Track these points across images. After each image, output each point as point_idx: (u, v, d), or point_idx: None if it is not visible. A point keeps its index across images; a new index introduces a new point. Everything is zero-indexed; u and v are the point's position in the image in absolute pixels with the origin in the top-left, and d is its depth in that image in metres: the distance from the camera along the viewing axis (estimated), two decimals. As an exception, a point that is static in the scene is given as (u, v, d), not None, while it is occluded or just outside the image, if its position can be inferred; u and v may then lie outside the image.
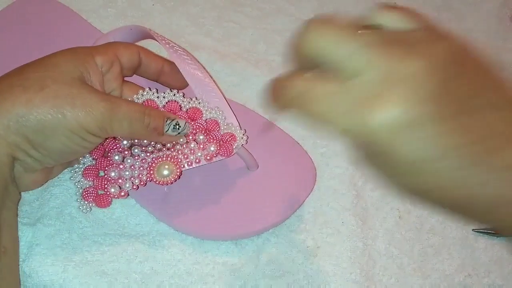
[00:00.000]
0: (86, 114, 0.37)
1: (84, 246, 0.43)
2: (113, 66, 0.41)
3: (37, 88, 0.36)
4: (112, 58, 0.41)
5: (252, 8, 0.61)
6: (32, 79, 0.37)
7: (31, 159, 0.38)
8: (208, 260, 0.44)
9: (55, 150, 0.37)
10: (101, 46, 0.42)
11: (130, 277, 0.42)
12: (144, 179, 0.41)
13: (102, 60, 0.40)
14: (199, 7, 0.60)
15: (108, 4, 0.58)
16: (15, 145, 0.36)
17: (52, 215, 0.44)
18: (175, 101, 0.43)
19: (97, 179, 0.42)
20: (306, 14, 0.61)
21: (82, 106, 0.36)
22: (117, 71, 0.42)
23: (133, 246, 0.43)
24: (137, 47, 0.43)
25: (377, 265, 0.45)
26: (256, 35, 0.59)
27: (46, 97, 0.36)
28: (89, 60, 0.39)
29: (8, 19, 0.52)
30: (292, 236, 0.45)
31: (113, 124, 0.38)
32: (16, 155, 0.37)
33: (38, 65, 0.38)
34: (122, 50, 0.42)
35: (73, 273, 0.41)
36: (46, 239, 0.42)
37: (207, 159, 0.42)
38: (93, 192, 0.42)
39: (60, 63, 0.38)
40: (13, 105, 0.36)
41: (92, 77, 0.39)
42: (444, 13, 0.64)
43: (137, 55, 0.43)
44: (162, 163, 0.41)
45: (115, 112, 0.38)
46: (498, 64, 0.37)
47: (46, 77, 0.37)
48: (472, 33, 0.63)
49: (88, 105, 0.37)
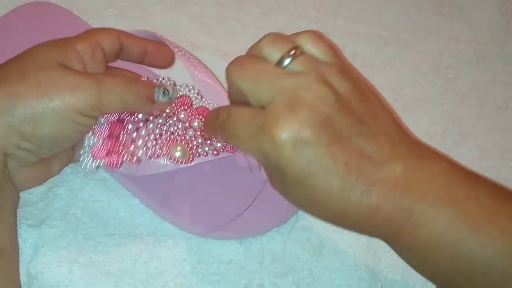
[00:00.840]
0: (73, 95, 0.36)
1: (89, 247, 0.43)
2: (95, 52, 0.40)
3: (18, 78, 0.36)
4: (93, 45, 0.40)
5: (254, 6, 0.61)
6: (13, 70, 0.36)
7: (24, 152, 0.37)
8: (213, 259, 0.44)
9: (47, 138, 0.37)
10: (81, 34, 0.41)
11: (135, 277, 0.42)
12: (158, 151, 0.41)
13: (83, 48, 0.39)
14: (200, 5, 0.60)
15: (109, 4, 0.58)
16: (4, 139, 0.36)
17: (57, 216, 0.44)
18: (188, 96, 0.43)
19: (109, 139, 0.41)
20: (307, 11, 0.61)
21: (67, 87, 0.36)
22: (99, 58, 0.41)
23: (138, 246, 0.43)
24: (116, 31, 0.42)
25: (382, 262, 0.45)
26: (258, 33, 0.58)
27: (29, 85, 0.36)
28: (69, 46, 0.39)
29: (11, 24, 0.52)
30: (297, 234, 0.45)
31: (103, 99, 0.37)
32: (7, 150, 0.36)
33: (17, 57, 0.38)
34: (102, 36, 0.41)
35: (78, 274, 0.41)
36: (51, 241, 0.42)
37: (214, 154, 0.43)
38: (104, 151, 0.40)
39: (39, 53, 0.38)
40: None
41: (73, 61, 0.39)
42: (446, 7, 0.64)
43: (117, 39, 0.42)
44: (176, 144, 0.41)
45: (102, 87, 0.37)
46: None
47: (25, 67, 0.37)
48: (474, 27, 0.62)
49: (73, 85, 0.36)
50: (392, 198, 0.32)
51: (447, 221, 0.32)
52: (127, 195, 0.46)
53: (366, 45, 0.60)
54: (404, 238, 0.33)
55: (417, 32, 0.62)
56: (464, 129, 0.55)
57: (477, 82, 0.58)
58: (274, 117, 0.32)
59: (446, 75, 0.58)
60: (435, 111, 0.56)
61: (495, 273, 0.32)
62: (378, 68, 0.58)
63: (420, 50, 0.60)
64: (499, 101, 0.57)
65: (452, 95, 0.57)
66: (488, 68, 0.59)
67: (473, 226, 0.32)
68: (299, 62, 0.35)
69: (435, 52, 0.60)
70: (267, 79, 0.34)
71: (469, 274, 0.33)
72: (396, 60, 0.59)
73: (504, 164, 0.53)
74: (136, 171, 0.42)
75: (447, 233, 0.32)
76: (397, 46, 0.60)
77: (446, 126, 0.55)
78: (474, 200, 0.33)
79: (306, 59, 0.35)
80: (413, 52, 0.60)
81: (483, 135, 0.55)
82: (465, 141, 0.54)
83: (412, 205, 0.33)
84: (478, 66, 0.59)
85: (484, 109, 0.56)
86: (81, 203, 0.45)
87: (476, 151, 0.53)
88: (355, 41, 0.60)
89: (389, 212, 0.32)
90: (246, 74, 0.35)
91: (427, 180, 0.33)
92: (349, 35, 0.60)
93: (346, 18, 0.62)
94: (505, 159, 0.53)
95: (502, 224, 0.33)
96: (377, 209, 0.32)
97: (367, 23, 0.62)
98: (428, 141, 0.53)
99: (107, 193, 0.46)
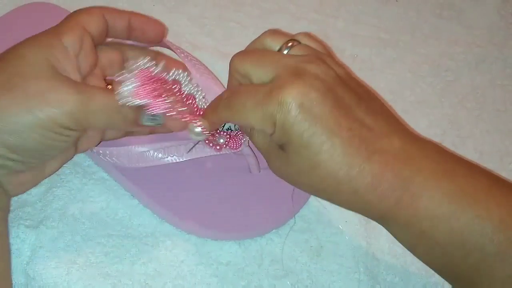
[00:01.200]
0: (58, 110, 0.35)
1: (88, 248, 0.43)
2: (83, 42, 0.38)
3: (5, 88, 0.35)
4: (80, 33, 0.38)
5: (253, 8, 0.61)
6: (0, 78, 0.35)
7: (12, 162, 0.36)
8: (212, 260, 0.43)
9: (32, 149, 0.36)
10: (65, 22, 0.39)
11: (133, 278, 0.42)
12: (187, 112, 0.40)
13: (70, 40, 0.38)
14: (200, 7, 0.60)
15: (109, 5, 0.57)
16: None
17: (55, 217, 0.44)
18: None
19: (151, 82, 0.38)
20: (307, 13, 0.61)
21: (53, 102, 0.35)
22: (89, 46, 0.39)
23: (136, 247, 0.43)
24: (99, 8, 0.40)
25: (381, 264, 0.45)
26: (257, 34, 0.58)
27: (15, 97, 0.34)
28: (56, 44, 0.37)
29: (10, 24, 0.52)
30: (296, 236, 0.45)
31: (88, 117, 0.36)
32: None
33: (3, 61, 0.36)
34: (87, 19, 0.39)
35: (77, 275, 0.41)
36: (49, 242, 0.42)
37: (216, 149, 0.42)
38: (148, 92, 0.38)
39: (26, 54, 0.36)
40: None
41: (63, 63, 0.37)
42: (446, 10, 0.64)
43: (102, 18, 0.40)
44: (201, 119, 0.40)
45: (89, 105, 0.36)
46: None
47: (13, 74, 0.35)
48: (474, 30, 0.63)
49: (60, 100, 0.35)
50: (392, 168, 0.33)
51: (445, 193, 0.33)
52: (126, 196, 0.46)
53: (365, 47, 0.60)
54: (404, 211, 0.34)
55: (416, 35, 0.62)
56: (463, 131, 0.55)
57: (476, 85, 0.58)
58: (281, 83, 0.34)
59: (446, 77, 0.58)
60: (435, 113, 0.56)
61: (492, 247, 0.33)
62: (377, 70, 0.58)
63: (420, 52, 0.60)
64: (498, 104, 0.57)
65: (451, 98, 0.57)
66: (488, 71, 0.60)
67: (470, 198, 0.33)
68: (297, 49, 0.37)
69: (434, 55, 0.60)
70: (271, 59, 0.36)
71: (467, 249, 0.33)
72: (395, 62, 0.59)
73: (503, 167, 0.53)
74: (129, 162, 0.42)
75: (446, 204, 0.33)
76: (397, 49, 0.60)
77: (445, 128, 0.55)
78: (470, 176, 0.34)
79: (304, 47, 0.37)
80: (413, 55, 0.60)
81: (482, 137, 0.55)
82: (464, 144, 0.54)
83: (412, 176, 0.33)
84: (477, 69, 0.60)
85: (483, 112, 0.56)
86: (80, 204, 0.45)
87: (475, 153, 0.53)
88: (354, 43, 0.60)
89: (390, 179, 0.33)
90: (251, 59, 0.37)
91: (423, 157, 0.35)
92: (348, 37, 0.60)
93: (345, 20, 0.62)
94: (504, 162, 0.53)
95: (498, 200, 0.34)
96: (378, 176, 0.33)
97: (367, 26, 0.62)
98: (427, 143, 0.53)
99: (106, 194, 0.45)
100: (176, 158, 0.42)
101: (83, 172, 0.46)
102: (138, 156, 0.42)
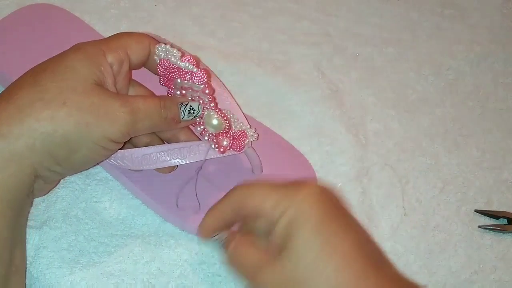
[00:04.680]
0: (111, 124, 0.36)
1: (91, 248, 0.43)
2: (122, 65, 0.39)
3: (59, 102, 0.35)
4: (122, 57, 0.39)
5: (255, 7, 0.61)
6: (51, 91, 0.35)
7: (52, 173, 0.37)
8: (215, 259, 0.44)
9: (77, 163, 0.37)
10: (112, 41, 0.39)
11: (137, 278, 0.42)
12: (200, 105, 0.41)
13: (113, 59, 0.38)
14: (202, 7, 0.60)
15: (111, 5, 0.58)
16: (39, 164, 0.35)
17: (59, 217, 0.44)
18: (195, 56, 0.42)
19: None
20: (308, 12, 0.61)
21: (105, 117, 0.36)
22: (125, 70, 0.40)
23: (139, 247, 0.43)
24: (148, 39, 0.41)
25: (383, 263, 0.45)
26: (259, 34, 0.59)
27: (70, 111, 0.35)
28: (102, 61, 0.38)
29: (12, 26, 0.52)
30: (298, 235, 0.45)
31: (136, 127, 0.37)
32: (39, 173, 0.36)
33: (52, 72, 0.36)
34: (134, 46, 0.40)
35: (80, 275, 0.41)
36: (52, 242, 0.43)
37: (220, 151, 0.43)
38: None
39: (76, 66, 0.36)
40: (38, 121, 0.34)
41: (106, 78, 0.38)
42: (448, 9, 0.64)
43: (148, 49, 0.40)
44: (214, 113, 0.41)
45: (137, 116, 0.37)
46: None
47: (65, 87, 0.35)
48: (475, 29, 0.62)
49: (111, 114, 0.36)
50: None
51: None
52: (129, 196, 0.46)
53: (367, 46, 0.60)
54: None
55: (418, 34, 0.62)
56: (465, 130, 0.55)
57: (478, 83, 0.58)
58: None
59: (447, 76, 0.58)
60: (436, 112, 0.56)
61: None
62: (379, 69, 0.58)
63: (422, 51, 0.60)
64: (500, 102, 0.57)
65: (453, 97, 0.57)
66: (489, 70, 0.59)
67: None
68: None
69: (436, 54, 0.60)
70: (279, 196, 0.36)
71: None
72: (397, 61, 0.59)
73: (505, 166, 0.53)
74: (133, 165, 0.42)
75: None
76: (399, 48, 0.60)
77: (448, 127, 0.55)
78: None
79: None
80: (414, 54, 0.60)
81: (484, 136, 0.55)
82: (466, 143, 0.54)
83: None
84: (479, 67, 0.59)
85: (485, 110, 0.56)
86: (83, 204, 0.45)
87: (477, 152, 0.53)
88: (356, 42, 0.60)
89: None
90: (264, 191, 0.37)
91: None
92: (350, 36, 0.60)
93: (347, 20, 0.62)
94: (507, 161, 0.53)
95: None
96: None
97: (369, 25, 0.62)
98: (429, 142, 0.53)
99: (109, 194, 0.46)
100: (180, 161, 0.42)
101: (86, 173, 0.46)
102: (142, 159, 0.42)
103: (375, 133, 0.53)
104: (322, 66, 0.57)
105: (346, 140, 0.52)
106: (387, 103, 0.55)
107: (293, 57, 0.57)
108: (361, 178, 0.50)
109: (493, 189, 0.51)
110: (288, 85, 0.55)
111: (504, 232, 0.48)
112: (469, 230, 0.49)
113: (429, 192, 0.50)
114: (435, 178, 0.51)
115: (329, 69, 0.57)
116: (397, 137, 0.53)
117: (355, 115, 0.54)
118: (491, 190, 0.51)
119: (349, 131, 0.52)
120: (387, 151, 0.52)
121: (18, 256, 0.37)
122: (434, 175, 0.51)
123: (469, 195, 0.51)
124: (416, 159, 0.52)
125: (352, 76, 0.57)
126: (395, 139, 0.53)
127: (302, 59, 0.57)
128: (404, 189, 0.50)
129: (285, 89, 0.54)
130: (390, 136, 0.53)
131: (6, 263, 0.35)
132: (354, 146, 0.51)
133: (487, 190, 0.51)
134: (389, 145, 0.53)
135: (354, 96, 0.55)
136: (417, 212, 0.49)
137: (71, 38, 0.52)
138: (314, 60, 0.57)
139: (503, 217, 0.49)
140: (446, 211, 0.49)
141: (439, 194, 0.50)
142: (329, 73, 0.57)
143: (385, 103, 0.55)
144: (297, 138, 0.51)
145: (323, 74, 0.56)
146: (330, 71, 0.57)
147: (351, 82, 0.56)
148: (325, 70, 0.57)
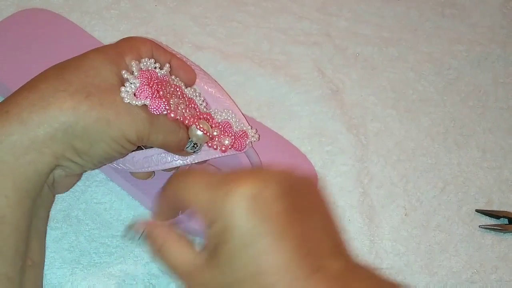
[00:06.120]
0: (130, 124, 0.36)
1: (92, 249, 0.43)
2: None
3: (82, 95, 0.35)
4: (136, 58, 0.39)
5: (255, 7, 0.61)
6: (75, 84, 0.35)
7: (74, 164, 0.37)
8: (215, 260, 0.44)
9: (96, 156, 0.37)
10: (125, 44, 0.40)
11: (137, 278, 0.42)
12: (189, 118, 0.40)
13: (129, 62, 0.39)
14: (202, 7, 0.60)
15: (111, 6, 0.58)
16: (60, 154, 0.35)
17: (59, 218, 0.44)
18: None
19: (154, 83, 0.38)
20: (309, 12, 0.61)
21: (126, 116, 0.36)
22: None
23: (140, 247, 0.43)
24: (150, 42, 0.41)
25: (384, 263, 0.45)
26: (260, 34, 0.59)
27: (92, 105, 0.35)
28: (122, 62, 0.38)
29: (6, 30, 0.52)
30: (299, 235, 0.45)
31: (150, 135, 0.37)
32: (60, 163, 0.36)
33: (76, 68, 0.37)
34: (142, 48, 0.40)
35: (81, 276, 0.41)
36: (53, 242, 0.43)
37: (222, 150, 0.43)
38: (149, 92, 0.38)
39: (98, 67, 0.37)
40: (60, 111, 0.34)
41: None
42: (448, 8, 0.64)
43: (151, 52, 0.41)
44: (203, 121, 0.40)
45: (154, 123, 0.37)
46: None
47: (88, 83, 0.36)
48: (476, 29, 0.62)
49: (132, 114, 0.36)
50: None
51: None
52: (129, 197, 0.46)
53: (368, 46, 0.60)
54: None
55: (418, 33, 0.62)
56: (465, 130, 0.55)
57: (478, 83, 0.58)
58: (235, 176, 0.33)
59: (448, 76, 0.58)
60: (437, 112, 0.56)
61: None
62: (379, 69, 0.58)
63: (422, 51, 0.60)
64: (501, 102, 0.57)
65: (453, 96, 0.57)
66: (490, 69, 0.59)
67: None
68: None
69: (436, 53, 0.60)
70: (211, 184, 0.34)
71: None
72: (397, 61, 0.59)
73: (506, 165, 0.53)
74: (134, 167, 0.42)
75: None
76: (399, 47, 0.60)
77: (448, 127, 0.55)
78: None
79: None
80: (415, 53, 0.60)
81: (485, 136, 0.55)
82: (466, 142, 0.54)
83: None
84: (479, 67, 0.59)
85: (485, 110, 0.56)
86: (83, 205, 0.45)
87: (477, 152, 0.53)
88: (357, 42, 0.60)
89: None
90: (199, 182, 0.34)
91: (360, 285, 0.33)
92: (351, 36, 0.60)
93: (348, 19, 0.62)
94: (507, 160, 0.53)
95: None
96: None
97: (369, 24, 0.62)
98: (429, 142, 0.53)
99: (110, 195, 0.46)
100: (181, 162, 0.42)
101: (87, 174, 0.46)
102: (143, 161, 0.42)
103: (375, 133, 0.53)
104: (323, 66, 0.57)
105: (346, 140, 0.52)
106: (388, 103, 0.55)
107: (293, 57, 0.57)
108: (362, 178, 0.50)
109: (494, 189, 0.51)
110: (289, 85, 0.55)
111: (505, 232, 0.48)
112: (470, 230, 0.49)
113: (429, 192, 0.50)
114: (436, 178, 0.51)
115: (330, 69, 0.57)
116: (397, 137, 0.53)
117: (356, 115, 0.54)
118: (492, 189, 0.51)
119: (349, 131, 0.52)
120: (388, 151, 0.52)
121: (35, 250, 0.37)
122: (435, 175, 0.51)
123: (469, 195, 0.51)
124: (417, 159, 0.52)
125: (353, 76, 0.57)
126: (396, 139, 0.53)
127: (302, 59, 0.57)
128: (404, 189, 0.50)
129: (285, 89, 0.55)
130: (390, 136, 0.53)
131: (21, 255, 0.35)
132: (355, 146, 0.52)
133: (488, 189, 0.51)
134: (389, 145, 0.53)
135: (355, 96, 0.55)
136: (417, 212, 0.49)
137: (65, 43, 0.52)
138: (315, 60, 0.57)
139: (504, 217, 0.49)
140: (447, 211, 0.49)
141: (439, 194, 0.50)
142: (330, 73, 0.57)
143: (386, 103, 0.55)
144: (298, 138, 0.51)
145: (323, 74, 0.56)
146: (330, 71, 0.57)
147: (351, 82, 0.56)
148: (326, 70, 0.57)
